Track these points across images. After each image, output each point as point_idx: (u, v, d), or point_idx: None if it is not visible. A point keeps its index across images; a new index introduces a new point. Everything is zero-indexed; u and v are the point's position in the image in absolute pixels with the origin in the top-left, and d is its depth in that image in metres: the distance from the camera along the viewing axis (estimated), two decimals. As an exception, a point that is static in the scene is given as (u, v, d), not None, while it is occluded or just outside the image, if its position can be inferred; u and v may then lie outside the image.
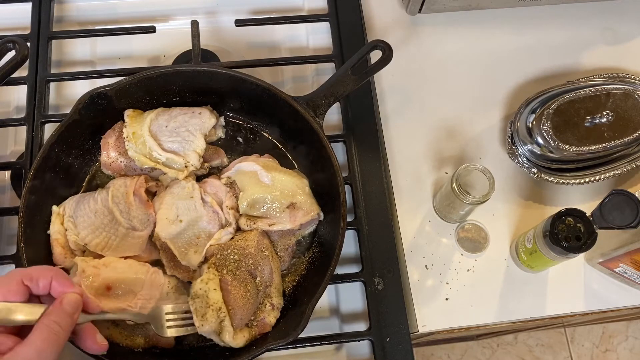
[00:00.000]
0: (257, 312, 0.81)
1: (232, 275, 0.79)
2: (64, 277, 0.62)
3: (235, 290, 0.78)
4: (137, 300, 0.77)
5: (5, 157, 0.96)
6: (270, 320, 0.80)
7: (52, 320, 0.57)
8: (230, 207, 0.85)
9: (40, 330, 0.57)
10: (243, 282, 0.79)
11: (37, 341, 0.56)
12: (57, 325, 0.57)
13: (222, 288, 0.78)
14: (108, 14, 1.08)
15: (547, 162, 0.91)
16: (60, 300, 0.59)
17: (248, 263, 0.81)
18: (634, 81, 0.95)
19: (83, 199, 0.84)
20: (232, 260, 0.80)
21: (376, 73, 0.91)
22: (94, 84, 0.90)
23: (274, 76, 1.04)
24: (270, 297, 0.82)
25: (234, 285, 0.78)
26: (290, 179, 0.86)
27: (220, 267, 0.80)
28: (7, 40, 0.83)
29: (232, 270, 0.80)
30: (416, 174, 0.96)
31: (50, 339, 0.56)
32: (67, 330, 0.59)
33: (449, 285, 0.90)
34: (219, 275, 0.79)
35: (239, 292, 0.78)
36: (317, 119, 0.86)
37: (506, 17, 1.07)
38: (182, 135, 0.88)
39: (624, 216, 0.75)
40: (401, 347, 0.85)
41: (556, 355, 1.91)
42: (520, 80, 1.03)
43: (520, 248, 0.87)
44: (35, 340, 0.56)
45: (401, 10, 1.07)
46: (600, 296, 0.91)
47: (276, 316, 0.81)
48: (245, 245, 0.82)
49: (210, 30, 1.07)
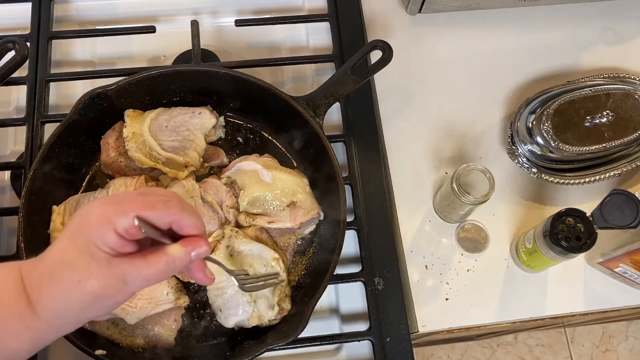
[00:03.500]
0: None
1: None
2: (190, 219, 0.59)
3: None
4: (137, 300, 0.78)
5: (5, 157, 0.96)
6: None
7: (173, 255, 0.57)
8: (230, 206, 0.85)
9: (156, 255, 0.57)
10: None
11: (153, 265, 0.56)
12: (177, 265, 0.58)
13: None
14: (108, 14, 1.08)
15: (547, 162, 0.91)
16: (191, 250, 0.58)
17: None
18: (634, 81, 0.95)
19: (83, 198, 0.84)
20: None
21: (376, 73, 0.91)
22: (94, 84, 0.90)
23: (274, 76, 1.04)
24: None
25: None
26: (291, 178, 0.86)
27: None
28: (7, 40, 0.83)
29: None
30: (416, 174, 0.96)
31: (159, 268, 0.57)
32: (176, 269, 0.59)
33: (449, 285, 0.90)
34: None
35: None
36: (317, 119, 0.86)
37: (506, 17, 1.07)
38: (182, 135, 0.88)
39: (624, 216, 0.75)
40: (401, 347, 0.85)
41: (556, 355, 1.91)
42: (520, 80, 1.03)
43: (520, 248, 0.87)
44: (152, 263, 0.56)
45: (401, 10, 1.07)
46: (600, 296, 0.91)
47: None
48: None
49: (210, 30, 1.07)
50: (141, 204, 0.56)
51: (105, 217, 0.55)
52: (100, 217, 0.55)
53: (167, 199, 0.58)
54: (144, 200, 0.56)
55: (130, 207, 0.55)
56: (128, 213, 0.54)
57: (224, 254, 0.81)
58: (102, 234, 0.54)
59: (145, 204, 0.56)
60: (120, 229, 0.54)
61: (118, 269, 0.55)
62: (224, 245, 0.82)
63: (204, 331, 0.84)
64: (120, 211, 0.55)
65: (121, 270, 0.55)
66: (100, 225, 0.54)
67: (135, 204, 0.56)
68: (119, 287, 0.55)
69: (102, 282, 0.54)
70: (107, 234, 0.54)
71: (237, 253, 0.81)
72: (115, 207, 0.55)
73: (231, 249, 0.82)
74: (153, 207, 0.56)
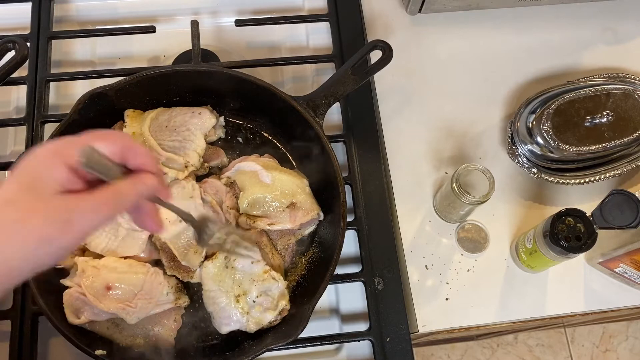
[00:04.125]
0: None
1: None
2: (142, 150, 0.57)
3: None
4: (137, 300, 0.78)
5: (5, 157, 0.96)
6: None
7: (122, 192, 0.55)
8: (230, 207, 0.85)
9: (107, 193, 0.54)
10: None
11: (101, 200, 0.53)
12: (124, 200, 0.55)
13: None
14: (108, 14, 1.08)
15: (547, 162, 0.91)
16: (141, 180, 0.56)
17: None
18: (634, 81, 0.95)
19: (83, 199, 0.84)
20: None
21: (376, 73, 0.91)
22: (94, 84, 0.90)
23: (274, 76, 1.04)
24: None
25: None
26: (291, 179, 0.86)
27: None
28: (7, 40, 0.83)
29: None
30: (416, 174, 0.96)
31: (111, 207, 0.54)
32: (131, 205, 0.56)
33: (449, 285, 0.90)
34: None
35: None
36: (317, 119, 0.86)
37: (506, 17, 1.07)
38: (182, 135, 0.88)
39: (624, 216, 0.75)
40: (401, 347, 0.85)
41: (556, 355, 1.91)
42: (520, 80, 1.03)
43: (520, 248, 0.87)
44: (99, 198, 0.53)
45: (401, 10, 1.07)
46: (600, 296, 0.91)
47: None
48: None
49: (210, 30, 1.07)
50: (92, 135, 0.54)
51: (54, 150, 0.52)
52: (49, 150, 0.52)
53: (120, 133, 0.55)
54: (94, 133, 0.54)
55: (81, 139, 0.53)
56: (78, 143, 0.52)
57: (221, 263, 0.81)
58: (50, 168, 0.51)
59: (96, 135, 0.54)
60: (71, 161, 0.51)
61: (63, 204, 0.51)
62: (222, 255, 0.82)
63: (204, 331, 0.84)
64: (70, 142, 0.52)
65: (66, 205, 0.51)
66: (49, 159, 0.51)
67: (86, 136, 0.54)
68: (63, 226, 0.50)
69: (45, 220, 0.49)
70: (56, 168, 0.51)
71: (231, 267, 0.81)
72: (66, 140, 0.53)
73: (228, 260, 0.81)
74: (104, 137, 0.54)
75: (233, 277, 0.80)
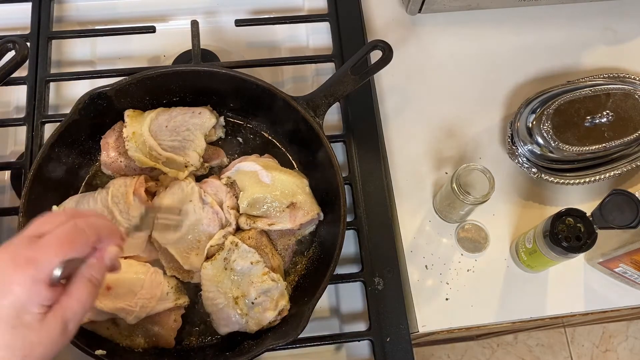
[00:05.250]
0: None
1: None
2: (111, 230, 0.59)
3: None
4: (137, 300, 0.78)
5: (5, 157, 0.96)
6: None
7: (93, 275, 0.56)
8: (230, 207, 0.85)
9: (82, 284, 0.55)
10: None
11: (82, 294, 0.55)
12: (97, 279, 0.57)
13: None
14: (108, 14, 1.08)
15: (547, 162, 0.91)
16: (102, 255, 0.57)
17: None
18: (634, 81, 0.95)
19: (83, 198, 0.84)
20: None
21: (376, 73, 0.91)
22: (94, 84, 0.90)
23: (274, 76, 1.04)
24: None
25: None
26: (291, 179, 0.86)
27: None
28: (7, 40, 0.83)
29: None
30: (416, 174, 0.96)
31: (92, 292, 0.56)
32: (103, 281, 0.58)
33: (449, 285, 0.90)
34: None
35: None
36: (317, 119, 0.86)
37: (506, 17, 1.07)
38: (182, 135, 0.88)
39: (624, 216, 0.75)
40: (401, 347, 0.85)
41: (556, 355, 1.91)
42: (520, 80, 1.03)
43: (520, 248, 0.87)
44: (78, 293, 0.55)
45: (401, 10, 1.07)
46: (600, 296, 0.91)
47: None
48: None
49: (210, 30, 1.06)
50: (57, 246, 0.53)
51: (31, 278, 0.51)
52: (23, 281, 0.51)
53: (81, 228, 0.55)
54: (59, 241, 0.54)
55: (51, 253, 0.53)
56: (53, 260, 0.52)
57: (221, 264, 0.81)
58: (31, 297, 0.51)
59: (63, 245, 0.54)
60: (53, 279, 0.52)
61: (55, 323, 0.52)
62: (222, 257, 0.81)
63: (204, 331, 0.84)
64: (45, 262, 0.52)
65: (58, 321, 0.52)
66: (27, 289, 0.51)
67: (52, 248, 0.53)
68: (61, 338, 0.53)
69: (46, 348, 0.52)
70: (37, 293, 0.51)
71: (230, 268, 0.81)
72: (35, 262, 0.52)
73: (227, 261, 0.81)
74: (72, 244, 0.54)
75: (232, 278, 0.80)
